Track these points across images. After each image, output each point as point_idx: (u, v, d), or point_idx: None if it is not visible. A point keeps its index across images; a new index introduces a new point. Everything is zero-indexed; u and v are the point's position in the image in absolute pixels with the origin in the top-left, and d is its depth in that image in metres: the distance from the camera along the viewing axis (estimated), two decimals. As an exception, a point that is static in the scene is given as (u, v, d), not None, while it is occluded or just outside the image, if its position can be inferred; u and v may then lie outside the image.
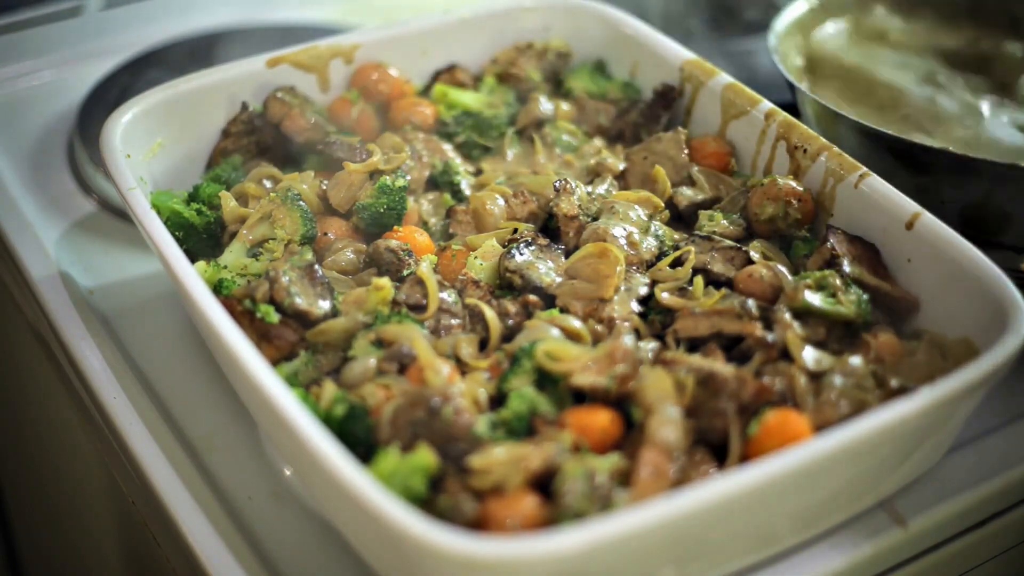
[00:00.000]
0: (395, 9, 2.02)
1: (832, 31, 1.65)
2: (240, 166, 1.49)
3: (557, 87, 1.63)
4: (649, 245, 1.32)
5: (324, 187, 1.40)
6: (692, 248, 1.31)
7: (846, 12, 1.72)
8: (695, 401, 1.13)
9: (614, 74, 1.64)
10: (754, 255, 1.31)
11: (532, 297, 1.26)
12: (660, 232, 1.35)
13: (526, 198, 1.39)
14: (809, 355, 1.18)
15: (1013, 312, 1.14)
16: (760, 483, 1.00)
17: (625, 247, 1.30)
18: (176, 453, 1.28)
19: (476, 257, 1.31)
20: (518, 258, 1.28)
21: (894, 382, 1.15)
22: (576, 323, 1.22)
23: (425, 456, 1.06)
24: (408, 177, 1.41)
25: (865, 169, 1.33)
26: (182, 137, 1.48)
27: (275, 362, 1.20)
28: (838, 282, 1.24)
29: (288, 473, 1.27)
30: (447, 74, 1.62)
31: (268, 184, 1.41)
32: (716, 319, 1.21)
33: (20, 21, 2.05)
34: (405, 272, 1.30)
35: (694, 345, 1.22)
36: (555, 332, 1.20)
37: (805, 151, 1.39)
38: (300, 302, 1.23)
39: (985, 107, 1.54)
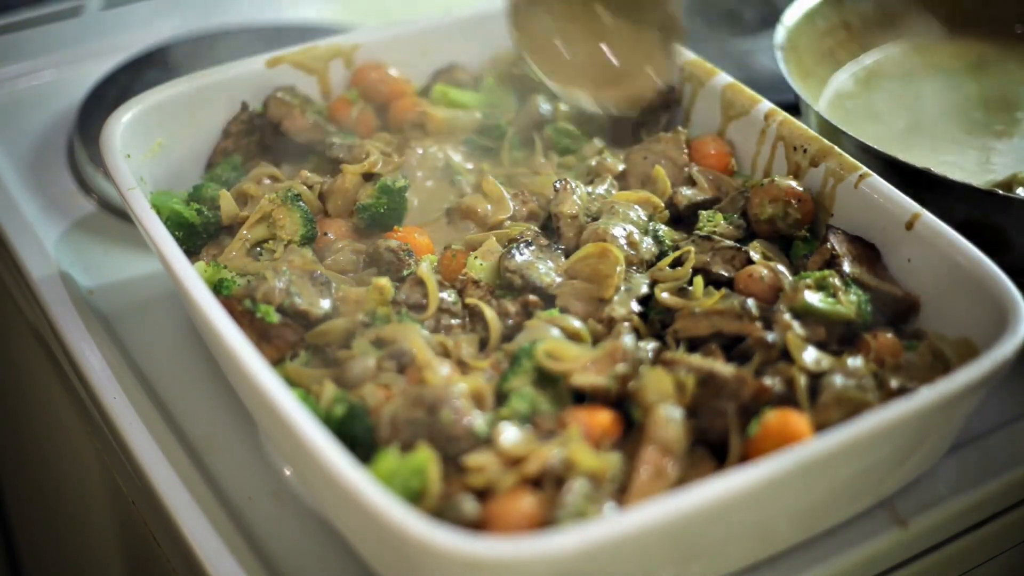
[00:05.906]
0: (395, 9, 2.02)
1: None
2: (240, 166, 1.49)
3: (557, 87, 1.63)
4: (649, 245, 1.32)
5: (324, 187, 1.40)
6: (692, 248, 1.30)
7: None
8: (695, 401, 1.13)
9: (614, 74, 1.64)
10: (754, 255, 1.30)
11: (532, 297, 1.26)
12: (660, 232, 1.35)
13: (526, 198, 1.39)
14: (809, 355, 1.18)
15: (1013, 312, 1.14)
16: (760, 483, 1.00)
17: (625, 247, 1.30)
18: (176, 453, 1.28)
19: (476, 257, 1.31)
20: (518, 258, 1.28)
21: (894, 382, 1.15)
22: (576, 323, 1.22)
23: (425, 456, 1.06)
24: (408, 177, 1.41)
25: (865, 169, 1.33)
26: (182, 137, 1.48)
27: (275, 362, 1.20)
28: (838, 282, 1.24)
29: (288, 473, 1.27)
30: (447, 74, 1.62)
31: (268, 184, 1.41)
32: (716, 319, 1.21)
33: (20, 21, 2.05)
34: (405, 272, 1.30)
35: (694, 345, 1.22)
36: (555, 332, 1.20)
37: (805, 151, 1.39)
38: (300, 302, 1.23)
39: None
